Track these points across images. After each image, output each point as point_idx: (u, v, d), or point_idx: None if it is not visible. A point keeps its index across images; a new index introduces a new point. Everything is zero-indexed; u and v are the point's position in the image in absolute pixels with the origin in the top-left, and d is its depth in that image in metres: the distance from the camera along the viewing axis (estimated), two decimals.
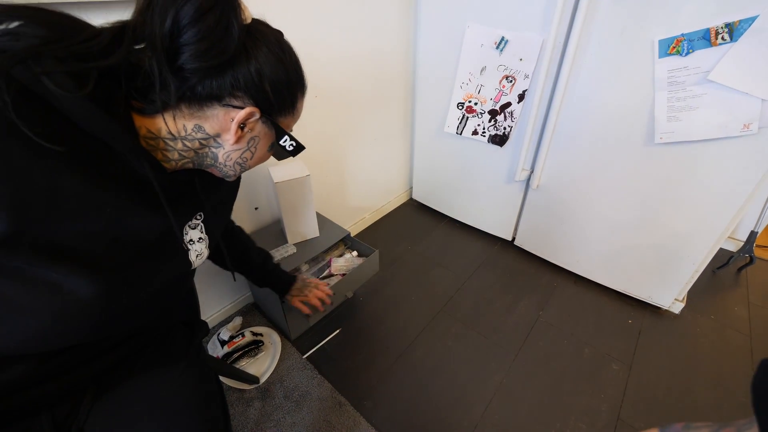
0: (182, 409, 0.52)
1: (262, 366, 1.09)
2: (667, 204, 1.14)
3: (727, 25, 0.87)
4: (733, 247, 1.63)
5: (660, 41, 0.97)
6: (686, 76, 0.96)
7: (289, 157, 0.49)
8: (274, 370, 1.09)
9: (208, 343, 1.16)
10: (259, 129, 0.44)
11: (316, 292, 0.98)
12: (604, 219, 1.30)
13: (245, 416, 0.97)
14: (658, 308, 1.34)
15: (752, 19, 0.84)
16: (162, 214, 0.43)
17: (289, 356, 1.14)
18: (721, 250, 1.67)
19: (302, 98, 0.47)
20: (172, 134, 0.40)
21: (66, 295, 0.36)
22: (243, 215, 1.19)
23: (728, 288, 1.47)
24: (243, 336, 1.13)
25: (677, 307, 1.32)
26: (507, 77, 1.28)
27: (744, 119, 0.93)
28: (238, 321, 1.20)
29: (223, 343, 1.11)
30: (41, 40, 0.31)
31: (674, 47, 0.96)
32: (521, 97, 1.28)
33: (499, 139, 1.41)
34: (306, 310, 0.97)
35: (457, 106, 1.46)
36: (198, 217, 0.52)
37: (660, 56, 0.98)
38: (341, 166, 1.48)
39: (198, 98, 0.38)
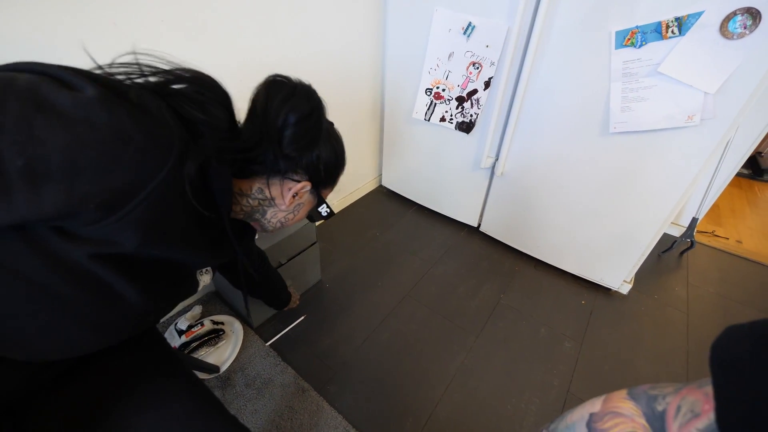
0: (194, 412, 0.50)
1: (222, 355, 1.06)
2: (620, 191, 1.21)
3: (677, 19, 0.91)
4: (677, 232, 1.75)
5: (617, 32, 1.00)
6: (639, 68, 1.01)
7: (320, 220, 0.63)
8: (235, 359, 1.06)
9: (164, 333, 1.11)
10: (306, 198, 0.54)
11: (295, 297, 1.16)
12: (562, 206, 1.35)
13: None
14: (609, 290, 1.43)
15: (699, 14, 0.88)
16: (208, 254, 0.49)
17: (252, 344, 1.11)
18: (667, 235, 1.80)
19: (342, 174, 0.58)
20: (243, 192, 0.49)
21: (116, 305, 0.40)
22: None
23: (671, 270, 1.60)
24: (202, 325, 1.09)
25: (625, 288, 1.41)
26: (474, 63, 1.28)
27: (689, 111, 0.99)
28: (197, 310, 1.15)
29: (180, 332, 1.07)
30: (222, 137, 0.39)
31: (629, 39, 1.00)
32: (487, 85, 1.29)
33: (466, 126, 1.42)
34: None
35: (425, 92, 1.45)
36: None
37: (616, 47, 1.02)
38: None
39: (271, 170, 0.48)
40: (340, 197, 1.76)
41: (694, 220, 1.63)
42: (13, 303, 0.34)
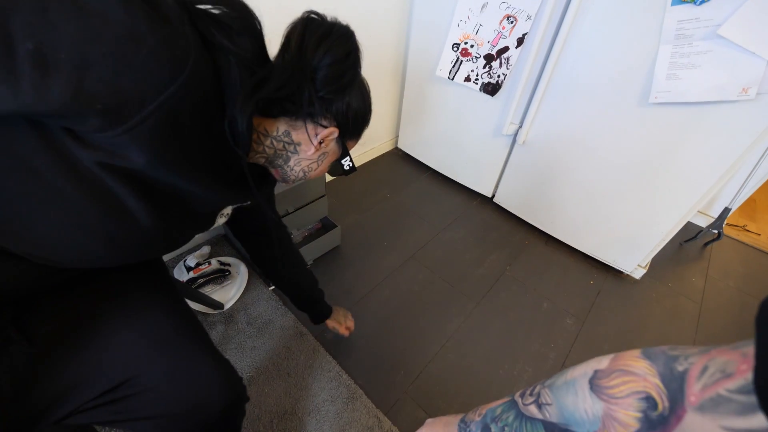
0: (147, 307, 0.53)
1: (227, 294, 1.10)
2: (649, 171, 1.13)
3: None
4: (704, 222, 1.66)
5: None
6: (695, 29, 0.90)
7: (341, 175, 0.56)
8: (239, 299, 1.10)
9: (174, 268, 1.16)
10: (332, 147, 0.50)
11: (348, 323, 0.97)
12: (584, 182, 1.28)
13: None
14: (620, 272, 1.39)
15: None
16: (220, 193, 0.47)
17: (255, 287, 1.15)
18: (693, 224, 1.70)
19: (367, 127, 0.54)
20: (267, 132, 0.46)
21: (127, 222, 0.39)
22: None
23: (691, 260, 1.53)
24: (209, 264, 1.12)
25: (639, 273, 1.36)
26: (508, 17, 1.18)
27: (744, 82, 0.88)
28: (206, 249, 1.18)
29: (189, 269, 1.11)
30: (247, 69, 0.38)
31: None
32: (520, 42, 1.19)
33: (492, 88, 1.34)
34: (342, 331, 0.96)
35: (452, 48, 1.35)
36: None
37: (673, 3, 0.90)
38: None
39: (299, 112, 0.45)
40: (354, 155, 1.72)
41: (726, 210, 1.52)
42: (28, 199, 0.34)
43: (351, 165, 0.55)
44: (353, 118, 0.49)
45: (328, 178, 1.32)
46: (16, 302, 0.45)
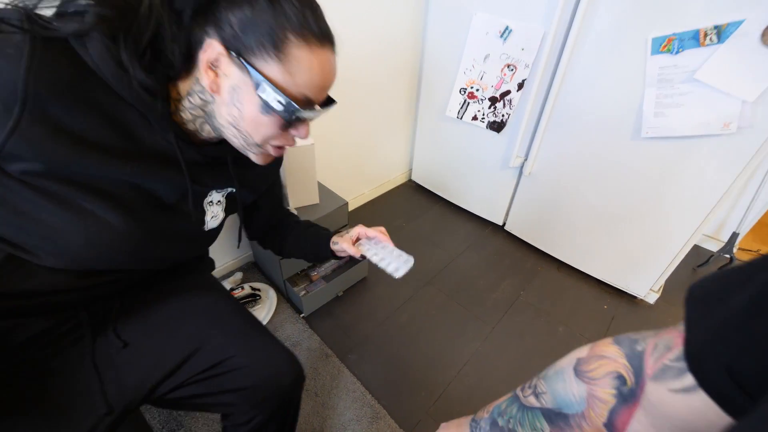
0: (223, 310, 0.62)
1: (258, 316, 1.19)
2: (650, 197, 1.21)
3: (716, 27, 0.92)
4: (716, 247, 1.69)
5: (653, 39, 1.02)
6: (675, 74, 1.01)
7: (296, 123, 0.44)
8: (268, 321, 1.18)
9: None
10: (235, 74, 0.39)
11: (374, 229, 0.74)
12: (590, 208, 1.36)
13: None
14: (634, 297, 1.42)
15: (739, 23, 0.89)
16: (168, 177, 0.46)
17: (283, 311, 1.23)
18: (705, 249, 1.73)
19: (301, 42, 0.39)
20: (180, 94, 0.42)
21: (98, 222, 0.42)
22: None
23: None
24: (242, 288, 1.23)
25: (652, 297, 1.39)
26: (509, 65, 1.33)
27: (725, 118, 0.98)
28: (238, 276, 1.29)
29: None
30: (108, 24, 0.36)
31: (666, 45, 1.01)
32: (520, 86, 1.33)
33: (497, 126, 1.47)
34: (354, 252, 0.72)
35: (460, 91, 1.51)
36: (227, 189, 0.56)
37: (652, 53, 1.03)
38: (346, 140, 1.55)
39: (192, 50, 0.39)
40: (370, 188, 1.85)
41: (734, 235, 1.56)
42: (13, 217, 0.40)
43: (283, 102, 0.40)
44: (241, 24, 0.37)
45: (351, 207, 1.42)
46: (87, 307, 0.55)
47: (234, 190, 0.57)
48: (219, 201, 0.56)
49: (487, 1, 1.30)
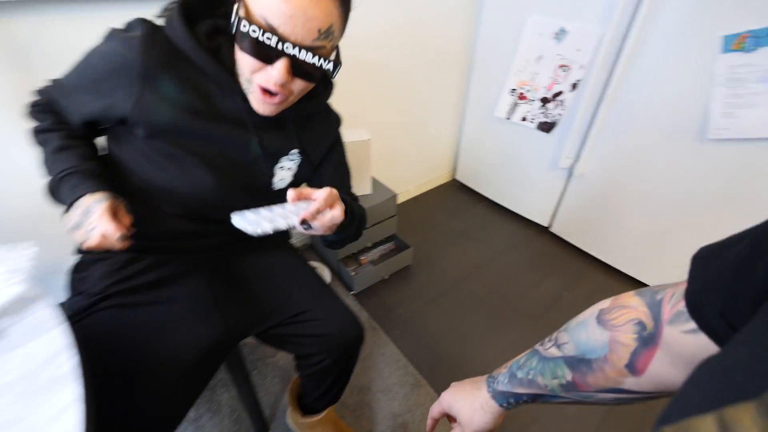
0: (303, 271, 0.75)
1: None
2: (713, 204, 1.16)
3: None
4: None
5: (725, 37, 0.99)
6: (749, 73, 0.98)
7: (271, 59, 0.48)
8: None
9: None
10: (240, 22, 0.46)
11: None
12: (645, 213, 1.34)
13: None
14: None
15: None
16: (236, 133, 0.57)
17: (335, 288, 1.34)
18: None
19: None
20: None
21: (194, 175, 0.57)
22: None
23: None
24: None
25: None
26: (562, 66, 1.35)
27: None
28: None
29: None
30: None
31: (738, 43, 0.99)
32: (574, 86, 1.35)
33: (547, 127, 1.49)
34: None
35: (510, 92, 1.55)
36: (295, 154, 0.65)
37: (722, 51, 1.00)
38: (394, 137, 1.65)
39: None
40: (413, 185, 1.93)
41: None
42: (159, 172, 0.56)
43: (244, 30, 0.45)
44: None
45: (400, 200, 1.51)
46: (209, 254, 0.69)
47: (301, 160, 0.66)
48: (289, 168, 0.66)
49: (542, 4, 1.33)
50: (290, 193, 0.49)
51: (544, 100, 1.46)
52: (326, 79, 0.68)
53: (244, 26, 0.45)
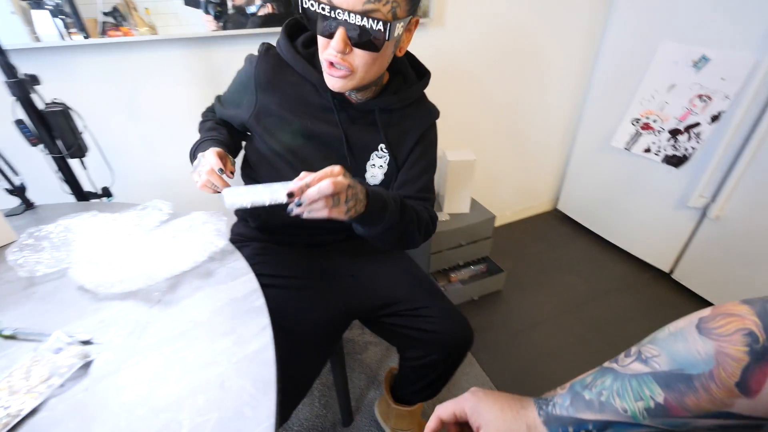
0: (417, 271, 0.80)
1: None
2: None
3: None
4: None
5: None
6: None
7: (329, 33, 0.54)
8: None
9: None
10: None
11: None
12: None
13: None
14: None
15: None
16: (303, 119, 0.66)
17: None
18: None
19: None
20: None
21: (293, 167, 0.67)
22: None
23: None
24: None
25: None
26: (701, 96, 1.23)
27: None
28: None
29: None
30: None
31: None
32: (715, 119, 1.21)
33: (677, 160, 1.34)
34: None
35: (632, 122, 1.45)
36: (383, 150, 0.70)
37: None
38: (497, 160, 1.67)
39: None
40: (511, 210, 1.90)
41: None
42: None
43: (307, 5, 0.53)
44: None
45: (496, 223, 1.50)
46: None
47: (389, 156, 0.70)
48: (381, 165, 0.71)
49: (679, 30, 1.24)
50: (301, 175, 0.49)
51: (675, 132, 1.33)
52: (419, 71, 0.73)
53: (305, 2, 0.52)
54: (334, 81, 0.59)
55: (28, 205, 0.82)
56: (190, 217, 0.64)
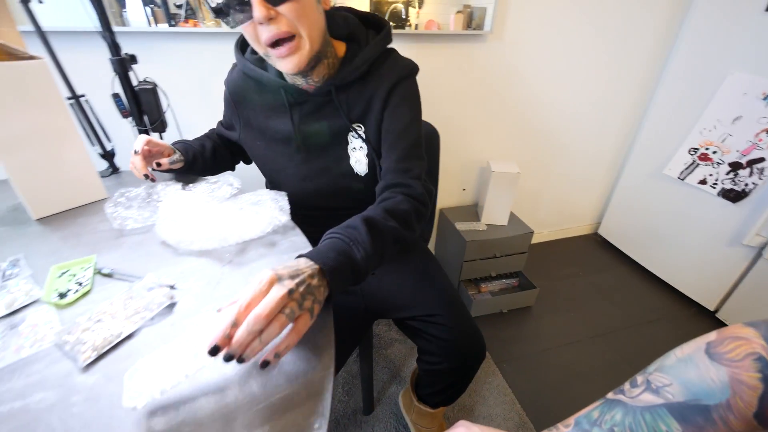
0: (437, 275, 0.78)
1: None
2: None
3: None
4: None
5: None
6: None
7: (242, 10, 0.51)
8: None
9: None
10: None
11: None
12: None
13: None
14: None
15: None
16: (337, 122, 0.66)
17: None
18: None
19: None
20: None
21: (279, 161, 0.72)
22: (451, 193, 1.55)
23: None
24: None
25: None
26: None
27: None
28: None
29: None
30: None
31: None
32: None
33: (735, 195, 1.28)
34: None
35: (689, 151, 1.40)
36: (359, 128, 0.66)
37: None
38: (540, 177, 1.66)
39: None
40: (549, 229, 1.87)
41: None
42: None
43: None
44: None
45: (533, 240, 1.48)
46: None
47: (364, 135, 0.66)
48: (360, 147, 0.67)
49: (751, 61, 1.20)
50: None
51: (735, 166, 1.27)
52: (377, 27, 0.67)
53: (212, 3, 0.52)
54: (286, 62, 0.57)
55: (114, 169, 0.93)
56: (256, 193, 0.70)
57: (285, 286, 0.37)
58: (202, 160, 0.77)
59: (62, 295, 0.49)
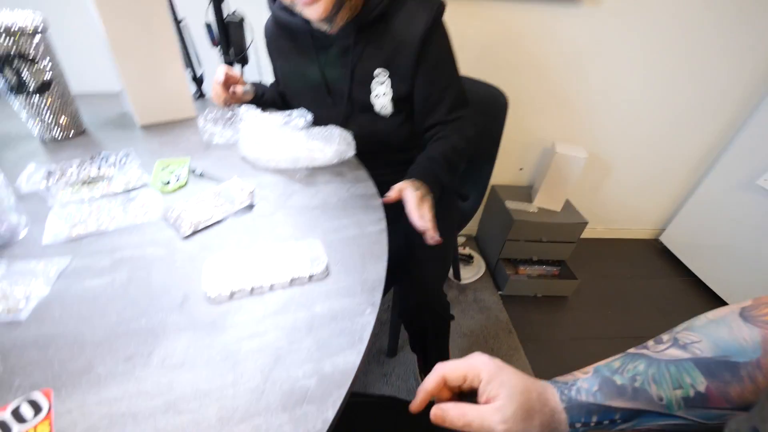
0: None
1: (467, 274, 1.44)
2: None
3: None
4: None
5: None
6: None
7: None
8: (472, 282, 1.42)
9: None
10: None
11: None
12: None
13: None
14: None
15: None
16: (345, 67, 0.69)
17: (485, 282, 1.44)
18: None
19: None
20: None
21: (313, 102, 0.76)
22: (508, 172, 1.52)
23: None
24: (465, 248, 1.50)
25: None
26: None
27: None
28: (461, 240, 1.58)
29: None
30: None
31: None
32: None
33: None
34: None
35: None
36: (382, 74, 0.67)
37: None
38: (608, 169, 1.55)
39: None
40: (605, 226, 1.77)
41: None
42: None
43: None
44: None
45: (585, 234, 1.42)
46: None
47: (390, 78, 0.67)
48: (384, 93, 0.69)
49: None
50: None
51: None
52: None
53: None
54: (311, 10, 0.58)
55: (201, 94, 1.03)
56: (327, 128, 0.75)
57: (422, 199, 0.57)
58: (269, 96, 0.86)
59: (166, 183, 0.59)
